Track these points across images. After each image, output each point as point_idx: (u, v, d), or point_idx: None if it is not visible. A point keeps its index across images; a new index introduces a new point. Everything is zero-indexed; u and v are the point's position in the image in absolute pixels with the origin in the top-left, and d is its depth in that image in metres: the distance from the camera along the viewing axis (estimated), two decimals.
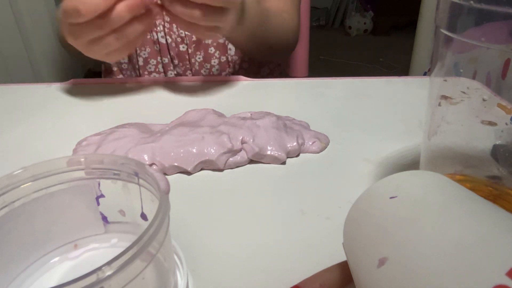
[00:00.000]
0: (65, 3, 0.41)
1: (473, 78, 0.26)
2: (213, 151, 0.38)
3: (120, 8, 0.42)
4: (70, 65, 1.91)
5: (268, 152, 0.39)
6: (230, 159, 0.38)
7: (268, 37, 0.64)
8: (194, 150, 0.38)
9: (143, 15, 0.45)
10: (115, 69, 0.79)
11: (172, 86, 0.58)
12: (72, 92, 0.57)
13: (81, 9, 0.40)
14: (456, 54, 0.26)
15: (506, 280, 0.13)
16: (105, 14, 0.42)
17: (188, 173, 0.38)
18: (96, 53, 0.47)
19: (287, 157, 0.40)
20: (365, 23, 3.15)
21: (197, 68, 0.74)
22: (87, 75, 2.16)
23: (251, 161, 0.39)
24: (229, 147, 0.38)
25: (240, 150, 0.39)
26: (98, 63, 0.63)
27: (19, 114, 0.51)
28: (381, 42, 3.02)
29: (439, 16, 0.26)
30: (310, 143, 0.41)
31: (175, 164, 0.37)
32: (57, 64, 1.82)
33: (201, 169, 0.39)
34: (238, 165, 0.39)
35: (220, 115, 0.46)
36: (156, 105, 0.52)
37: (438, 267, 0.15)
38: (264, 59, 0.73)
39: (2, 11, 1.59)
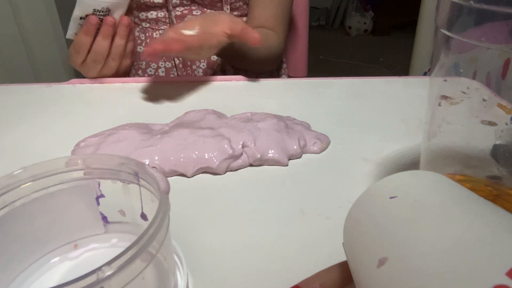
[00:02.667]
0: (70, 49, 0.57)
1: (473, 78, 0.26)
2: (214, 159, 0.37)
3: (98, 39, 0.55)
4: (70, 65, 1.91)
5: (270, 156, 0.38)
6: (231, 164, 0.38)
7: (252, 55, 0.68)
8: (194, 156, 0.37)
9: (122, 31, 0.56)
10: None
11: (172, 86, 0.58)
12: (72, 92, 0.57)
13: (75, 51, 0.56)
14: (456, 54, 0.26)
15: (506, 280, 0.13)
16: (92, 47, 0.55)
17: None
18: (99, 73, 0.59)
19: (289, 159, 0.40)
20: (365, 23, 3.15)
21: (200, 74, 0.75)
22: None
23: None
24: (230, 153, 0.37)
25: (241, 154, 0.39)
26: None
27: (19, 114, 0.51)
28: (381, 42, 3.01)
29: (439, 16, 0.26)
30: (311, 144, 0.41)
31: (175, 169, 0.37)
32: (57, 64, 1.82)
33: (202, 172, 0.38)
34: (239, 168, 0.39)
35: (221, 115, 0.46)
36: (156, 105, 0.52)
37: (438, 267, 0.15)
38: (247, 68, 0.77)
39: (2, 11, 1.59)
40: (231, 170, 0.38)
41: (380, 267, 0.17)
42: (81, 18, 0.55)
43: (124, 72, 0.61)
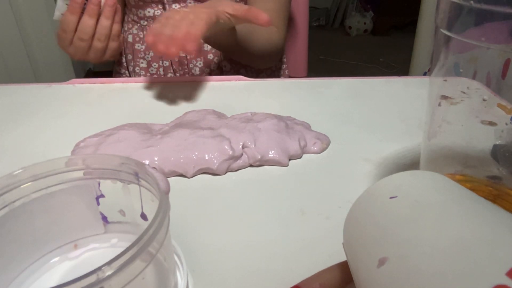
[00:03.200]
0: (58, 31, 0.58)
1: (473, 78, 0.26)
2: (214, 160, 0.37)
3: (84, 17, 0.55)
4: (70, 65, 1.91)
5: (270, 157, 0.38)
6: (232, 165, 0.38)
7: (250, 48, 0.66)
8: (194, 157, 0.37)
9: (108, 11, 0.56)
10: (122, 70, 0.80)
11: (172, 86, 0.58)
12: (72, 92, 0.57)
13: (62, 31, 0.56)
14: (456, 54, 0.26)
15: (506, 280, 0.13)
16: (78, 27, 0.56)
17: None
18: (86, 56, 0.59)
19: (289, 160, 0.40)
20: (365, 23, 3.15)
21: (197, 73, 0.75)
22: (87, 75, 2.16)
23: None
24: (230, 154, 0.37)
25: (241, 155, 0.38)
26: (98, 64, 0.65)
27: (19, 114, 0.51)
28: (381, 42, 3.01)
29: (439, 16, 0.26)
30: (312, 144, 0.41)
31: (175, 170, 0.37)
32: (57, 64, 1.82)
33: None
34: (239, 168, 0.39)
35: (221, 115, 0.46)
36: (156, 105, 0.52)
37: (438, 267, 0.15)
38: (248, 63, 0.77)
39: (2, 11, 1.59)
40: (231, 171, 0.38)
41: (380, 267, 0.17)
42: None
43: (112, 56, 0.61)
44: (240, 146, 0.38)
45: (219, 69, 0.76)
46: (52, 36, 1.75)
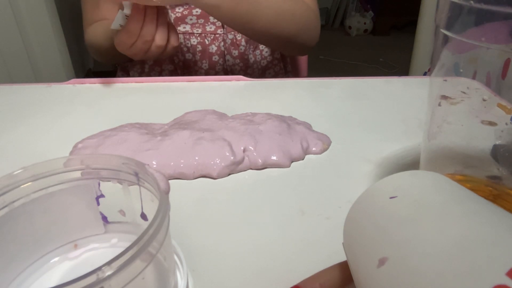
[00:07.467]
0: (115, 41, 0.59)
1: (473, 78, 0.26)
2: (214, 166, 0.37)
3: (147, 24, 0.57)
4: (70, 65, 1.91)
5: (272, 161, 0.38)
6: (233, 170, 0.38)
7: (292, 22, 0.64)
8: (195, 162, 0.37)
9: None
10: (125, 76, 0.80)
11: (172, 86, 0.58)
12: (72, 92, 0.57)
13: (127, 37, 0.57)
14: (456, 54, 0.26)
15: (506, 280, 0.13)
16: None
17: None
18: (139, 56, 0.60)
19: (291, 162, 0.39)
20: (365, 23, 3.15)
21: (203, 75, 0.75)
22: (87, 75, 2.16)
23: None
24: (231, 160, 0.37)
25: (243, 159, 0.38)
26: (98, 63, 0.65)
27: (19, 114, 0.51)
28: (381, 42, 3.01)
29: (439, 16, 0.26)
30: (313, 145, 0.41)
31: (175, 175, 0.37)
32: (57, 64, 1.82)
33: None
34: (240, 171, 0.38)
35: (221, 115, 0.45)
36: (156, 105, 0.52)
37: (438, 267, 0.15)
38: (282, 49, 0.74)
39: (2, 11, 1.59)
40: (232, 173, 0.38)
41: (380, 267, 0.17)
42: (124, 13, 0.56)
43: (172, 51, 0.62)
44: (241, 151, 0.38)
45: (224, 72, 0.76)
46: (52, 36, 1.75)
